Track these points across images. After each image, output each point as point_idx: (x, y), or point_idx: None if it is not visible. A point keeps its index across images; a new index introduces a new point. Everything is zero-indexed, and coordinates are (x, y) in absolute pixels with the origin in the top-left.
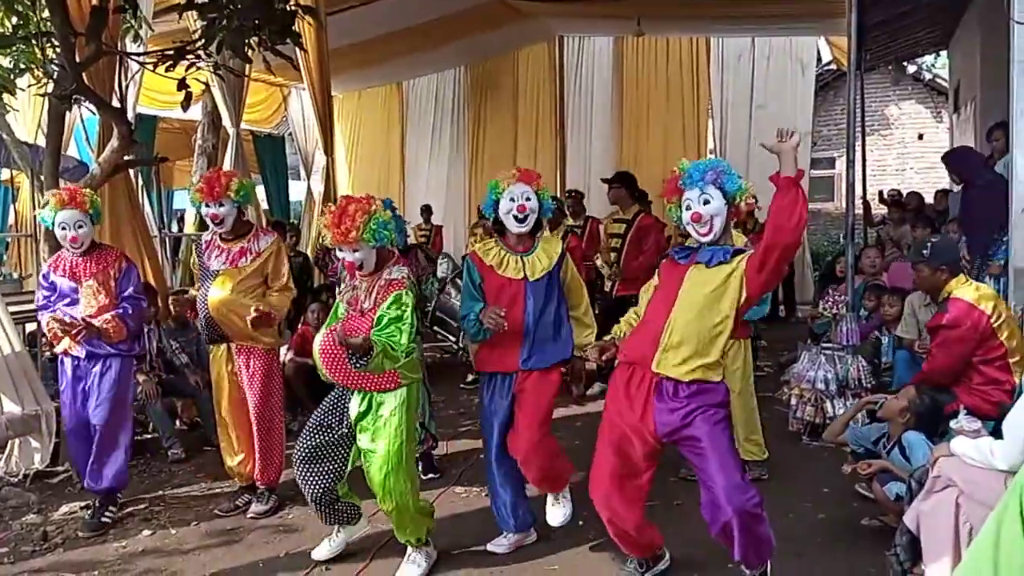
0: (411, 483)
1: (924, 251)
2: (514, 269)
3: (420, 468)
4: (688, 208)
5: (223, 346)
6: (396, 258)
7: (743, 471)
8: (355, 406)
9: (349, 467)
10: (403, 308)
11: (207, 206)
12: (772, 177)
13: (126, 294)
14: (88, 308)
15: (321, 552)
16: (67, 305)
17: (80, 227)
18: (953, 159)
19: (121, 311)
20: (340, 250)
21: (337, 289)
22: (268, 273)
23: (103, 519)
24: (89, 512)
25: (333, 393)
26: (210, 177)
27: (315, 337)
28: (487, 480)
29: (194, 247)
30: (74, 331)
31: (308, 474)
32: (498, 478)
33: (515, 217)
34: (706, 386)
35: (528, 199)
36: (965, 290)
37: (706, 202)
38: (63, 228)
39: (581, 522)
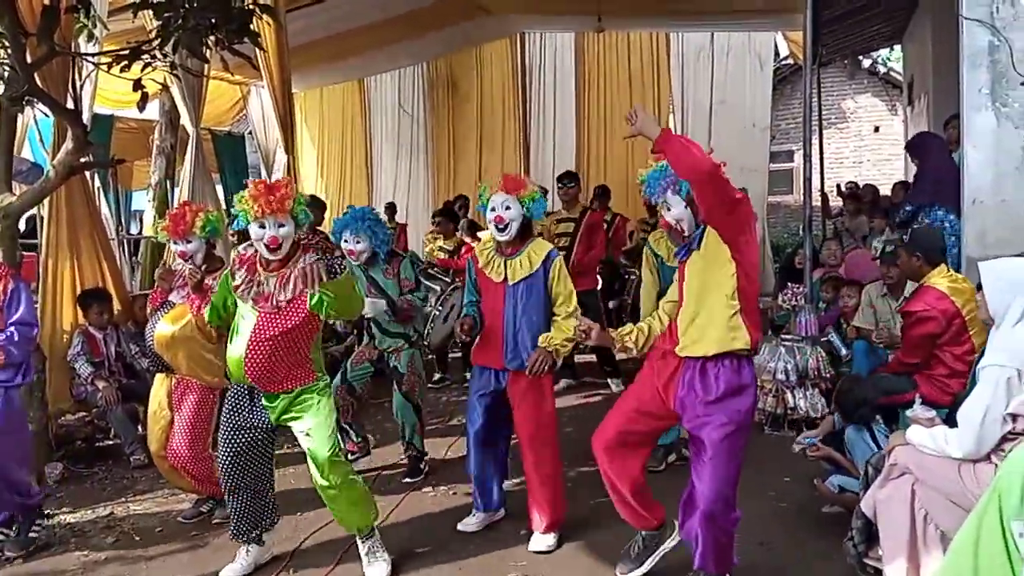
0: (349, 465)
1: (905, 237)
2: (497, 272)
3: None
4: (669, 210)
5: (165, 377)
6: (305, 248)
7: (734, 489)
8: (273, 407)
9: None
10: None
11: (175, 243)
12: (654, 149)
13: (14, 319)
14: None
15: (235, 570)
16: None
17: None
18: (912, 143)
19: (5, 337)
20: (263, 225)
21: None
22: None
23: (30, 535)
24: (14, 531)
25: (231, 397)
26: (176, 215)
27: (228, 345)
28: (465, 459)
29: (160, 279)
30: None
31: (238, 478)
32: (475, 459)
33: (496, 227)
34: (733, 361)
35: (508, 208)
36: (939, 280)
37: (668, 209)
38: None
39: None
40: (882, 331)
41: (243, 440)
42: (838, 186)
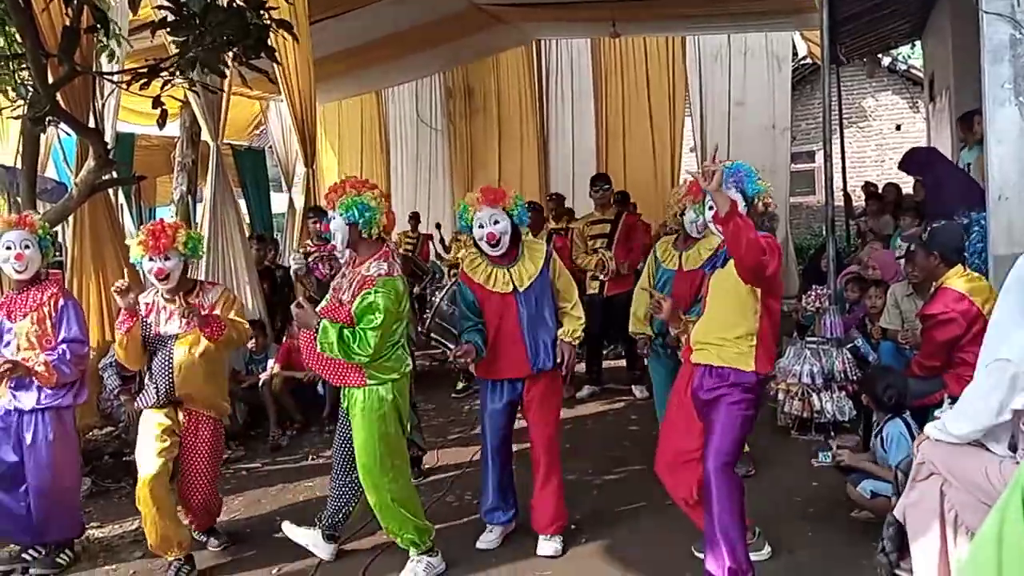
0: (395, 481)
1: (924, 235)
2: (503, 283)
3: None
4: (711, 209)
5: (169, 410)
6: (381, 253)
7: (736, 452)
8: (346, 411)
9: None
10: (372, 309)
11: (151, 260)
12: (714, 217)
13: (65, 336)
14: (19, 352)
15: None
16: (4, 346)
17: (26, 247)
18: (906, 163)
19: (57, 356)
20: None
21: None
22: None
23: (58, 559)
24: (43, 552)
25: (341, 415)
26: (154, 229)
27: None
28: (481, 474)
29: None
30: None
31: (346, 476)
32: (491, 476)
33: (488, 244)
34: (733, 372)
35: (496, 222)
36: (956, 281)
37: (711, 208)
38: (8, 248)
39: (573, 526)
40: (908, 332)
41: (349, 448)
42: (867, 183)
